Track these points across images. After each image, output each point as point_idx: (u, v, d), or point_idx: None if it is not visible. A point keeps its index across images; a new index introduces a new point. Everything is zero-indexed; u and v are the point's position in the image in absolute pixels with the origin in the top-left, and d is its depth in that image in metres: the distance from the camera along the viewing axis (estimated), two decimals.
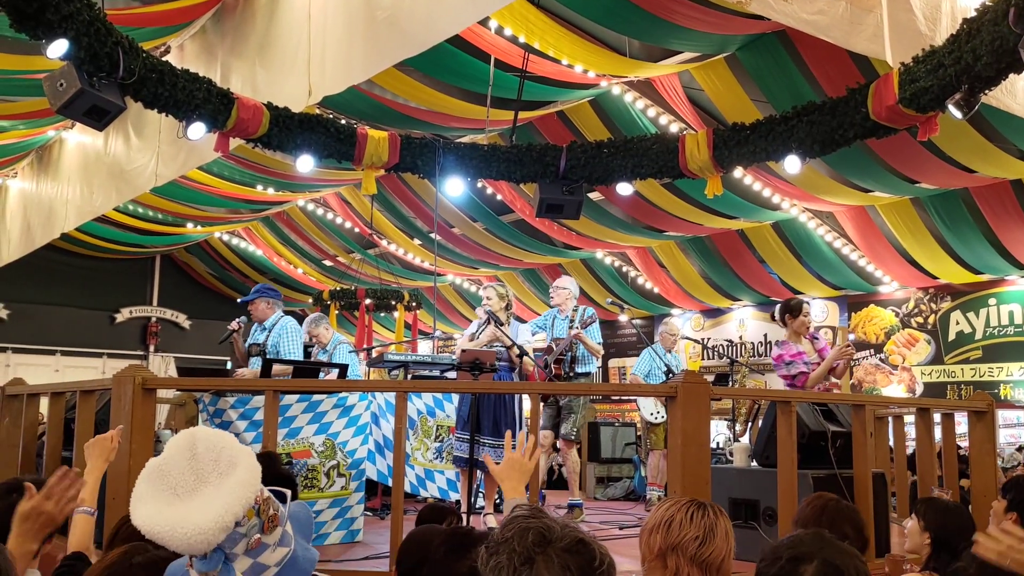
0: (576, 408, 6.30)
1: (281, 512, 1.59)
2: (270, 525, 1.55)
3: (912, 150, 7.76)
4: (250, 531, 1.51)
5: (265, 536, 1.55)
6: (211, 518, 1.43)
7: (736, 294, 12.69)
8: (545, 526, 1.45)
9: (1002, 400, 10.25)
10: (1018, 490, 3.36)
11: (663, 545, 1.99)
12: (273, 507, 1.57)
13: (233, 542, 1.49)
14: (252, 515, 1.51)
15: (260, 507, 1.53)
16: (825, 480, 4.47)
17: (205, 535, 1.42)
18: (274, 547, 1.57)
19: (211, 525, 1.43)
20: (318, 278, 15.21)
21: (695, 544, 1.96)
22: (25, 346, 15.37)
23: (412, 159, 6.73)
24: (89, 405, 4.30)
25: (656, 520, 2.05)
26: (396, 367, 6.57)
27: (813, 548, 1.73)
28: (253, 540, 1.52)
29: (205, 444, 1.52)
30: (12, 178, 12.03)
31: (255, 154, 9.40)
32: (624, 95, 8.61)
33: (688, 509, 2.02)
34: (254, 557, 1.54)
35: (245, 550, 1.52)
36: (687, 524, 1.99)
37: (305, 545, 1.65)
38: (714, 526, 1.99)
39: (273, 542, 1.57)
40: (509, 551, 1.41)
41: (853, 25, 4.61)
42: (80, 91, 4.96)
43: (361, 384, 6.22)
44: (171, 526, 1.43)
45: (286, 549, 1.59)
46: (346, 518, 4.98)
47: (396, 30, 5.52)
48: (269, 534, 1.55)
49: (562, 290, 6.52)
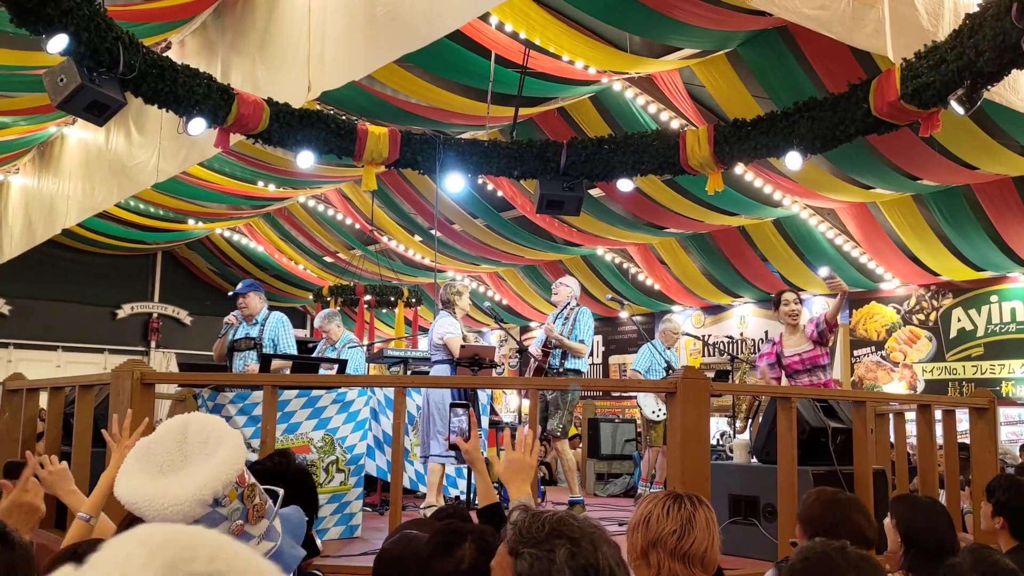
0: (562, 404, 6.25)
1: (269, 506, 1.58)
2: (255, 515, 1.55)
3: (914, 146, 7.74)
4: (232, 515, 1.51)
5: (250, 526, 1.54)
6: (189, 490, 1.45)
7: (737, 291, 12.67)
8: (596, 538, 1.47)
9: (1003, 397, 10.23)
10: (1002, 491, 3.29)
11: (643, 543, 1.97)
12: (260, 497, 1.57)
13: (213, 522, 1.49)
14: (234, 496, 1.51)
15: (244, 492, 1.53)
16: (825, 476, 4.47)
17: (182, 506, 1.44)
18: (259, 539, 1.56)
19: (188, 496, 1.44)
20: (319, 274, 15.21)
21: (673, 538, 1.93)
22: (27, 342, 15.38)
23: (412, 155, 6.72)
24: (88, 400, 4.30)
25: (636, 518, 2.03)
26: (396, 363, 6.58)
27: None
28: (236, 526, 1.52)
29: (196, 428, 1.54)
30: (14, 174, 12.03)
31: (256, 150, 9.40)
32: (625, 91, 8.59)
33: (664, 503, 2.00)
34: None
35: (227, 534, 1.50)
36: (664, 518, 1.96)
37: (292, 543, 1.64)
38: (692, 517, 1.96)
39: (258, 534, 1.56)
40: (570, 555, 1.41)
41: (855, 20, 4.59)
42: (80, 86, 4.96)
43: (360, 379, 6.22)
44: (149, 498, 1.45)
45: (271, 544, 1.58)
46: (345, 513, 4.98)
47: (396, 25, 5.51)
48: (254, 524, 1.55)
49: (564, 287, 6.53)
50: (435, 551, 1.94)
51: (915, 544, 2.85)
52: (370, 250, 14.00)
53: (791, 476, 4.12)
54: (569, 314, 6.34)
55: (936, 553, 2.77)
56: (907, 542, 2.87)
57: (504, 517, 2.70)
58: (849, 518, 2.68)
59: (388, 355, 6.68)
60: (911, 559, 2.83)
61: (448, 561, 1.89)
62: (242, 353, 5.89)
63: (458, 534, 1.96)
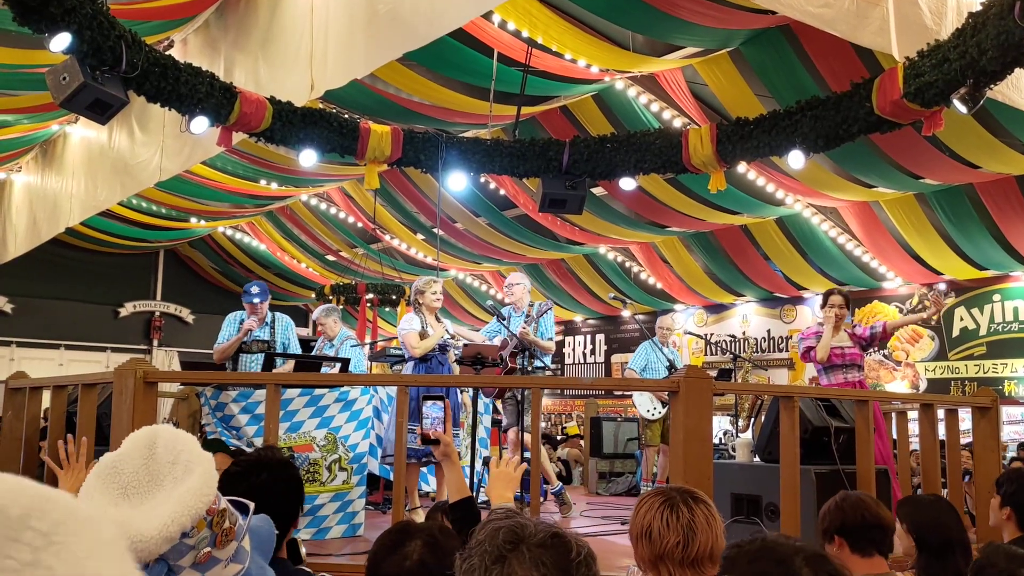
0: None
1: (239, 526, 1.48)
2: (223, 539, 1.44)
3: (916, 145, 7.73)
4: (199, 543, 1.40)
5: (217, 551, 1.43)
6: (155, 526, 1.33)
7: (739, 290, 12.67)
8: (518, 524, 1.42)
9: (1006, 396, 10.22)
10: (1010, 484, 3.34)
11: (650, 556, 1.99)
12: (229, 520, 1.46)
13: (179, 554, 1.38)
14: (203, 526, 1.40)
15: (213, 519, 1.42)
16: (828, 476, 4.46)
17: (147, 543, 1.32)
18: (226, 563, 1.46)
19: (154, 534, 1.32)
20: (321, 273, 15.22)
21: (679, 549, 1.95)
22: (29, 340, 15.40)
23: (415, 154, 6.72)
24: (91, 399, 4.31)
25: (637, 529, 2.03)
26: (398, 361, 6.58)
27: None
28: (203, 554, 1.41)
29: (165, 444, 1.43)
30: (17, 172, 12.05)
31: (258, 148, 9.40)
32: (628, 90, 8.58)
33: (663, 514, 1.99)
34: (202, 571, 1.43)
35: (192, 563, 1.40)
36: (666, 531, 1.97)
37: (261, 564, 1.56)
38: (691, 523, 1.97)
39: (225, 558, 1.45)
40: (481, 552, 1.39)
41: (859, 19, 4.59)
42: (83, 85, 4.97)
43: (363, 378, 6.22)
44: None
45: (239, 567, 1.49)
46: (347, 512, 4.98)
47: (398, 23, 5.51)
48: (222, 548, 1.44)
49: (516, 286, 6.36)
50: (381, 549, 1.98)
51: (925, 543, 2.85)
52: (372, 248, 14.00)
53: (794, 475, 4.12)
54: (530, 311, 6.19)
55: (946, 549, 2.78)
56: (917, 542, 2.88)
57: (477, 511, 2.72)
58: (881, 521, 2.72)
59: (391, 353, 6.68)
60: (924, 560, 2.84)
61: (393, 560, 1.92)
62: (253, 356, 5.88)
63: (407, 533, 1.98)
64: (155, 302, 17.11)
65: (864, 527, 2.68)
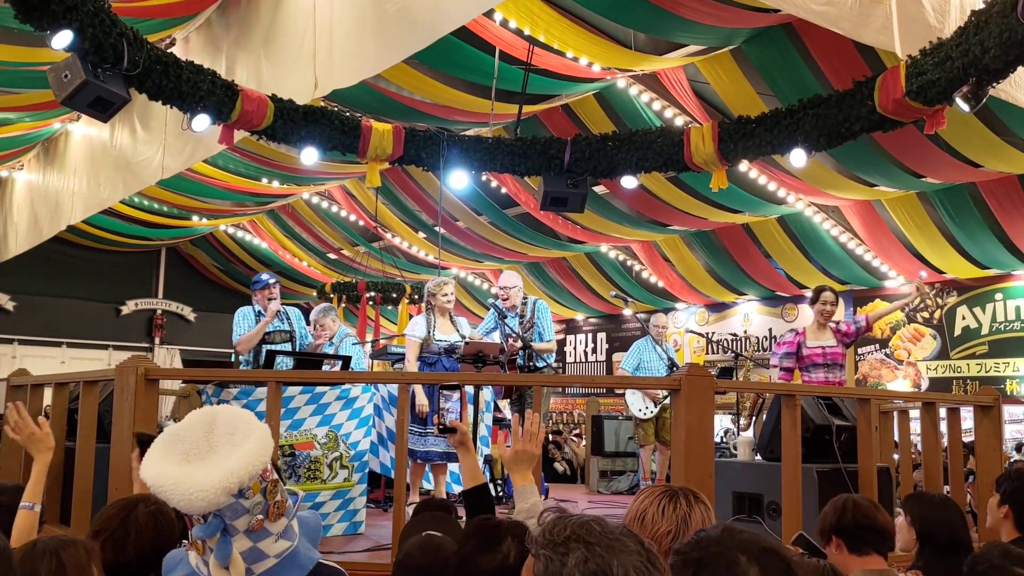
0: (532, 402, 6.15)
1: (289, 505, 1.59)
2: (275, 511, 1.55)
3: (919, 144, 7.72)
4: (254, 508, 1.52)
5: (269, 523, 1.55)
6: (215, 478, 1.46)
7: (741, 288, 12.66)
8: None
9: (1008, 395, 10.21)
10: (1010, 482, 3.34)
11: None
12: (282, 494, 1.57)
13: (235, 513, 1.50)
14: (258, 489, 1.52)
15: (268, 487, 1.54)
16: (829, 474, 4.46)
17: (206, 493, 1.45)
18: (276, 538, 1.56)
19: (214, 484, 1.46)
20: (323, 271, 15.23)
21: (668, 539, 1.89)
22: (31, 338, 15.43)
23: (416, 152, 6.71)
24: (92, 396, 4.31)
25: (631, 513, 2.00)
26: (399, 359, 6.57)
27: None
28: (256, 520, 1.52)
29: (224, 419, 1.56)
30: (18, 170, 12.06)
31: (260, 147, 9.40)
32: (629, 88, 8.58)
33: (660, 502, 1.96)
34: (255, 541, 1.53)
35: (246, 528, 1.52)
36: (659, 518, 1.93)
37: (308, 545, 1.64)
38: (687, 517, 1.93)
39: (276, 532, 1.56)
40: None
41: (862, 17, 4.58)
42: (84, 82, 4.97)
43: (364, 376, 6.21)
44: (175, 481, 1.46)
45: (288, 543, 1.58)
46: (348, 510, 4.98)
47: (407, 22, 5.50)
48: (274, 521, 1.55)
49: (513, 289, 6.17)
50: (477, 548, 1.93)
51: (930, 541, 2.86)
52: (374, 247, 14.00)
53: (795, 474, 4.11)
54: (524, 311, 6.12)
55: (951, 549, 2.79)
56: (922, 539, 2.89)
57: (491, 499, 2.72)
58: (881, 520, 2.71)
59: (392, 351, 6.68)
60: (927, 556, 2.84)
61: (489, 558, 1.89)
62: (276, 345, 5.86)
63: (498, 530, 1.96)
64: (157, 300, 17.13)
65: (861, 529, 2.69)
